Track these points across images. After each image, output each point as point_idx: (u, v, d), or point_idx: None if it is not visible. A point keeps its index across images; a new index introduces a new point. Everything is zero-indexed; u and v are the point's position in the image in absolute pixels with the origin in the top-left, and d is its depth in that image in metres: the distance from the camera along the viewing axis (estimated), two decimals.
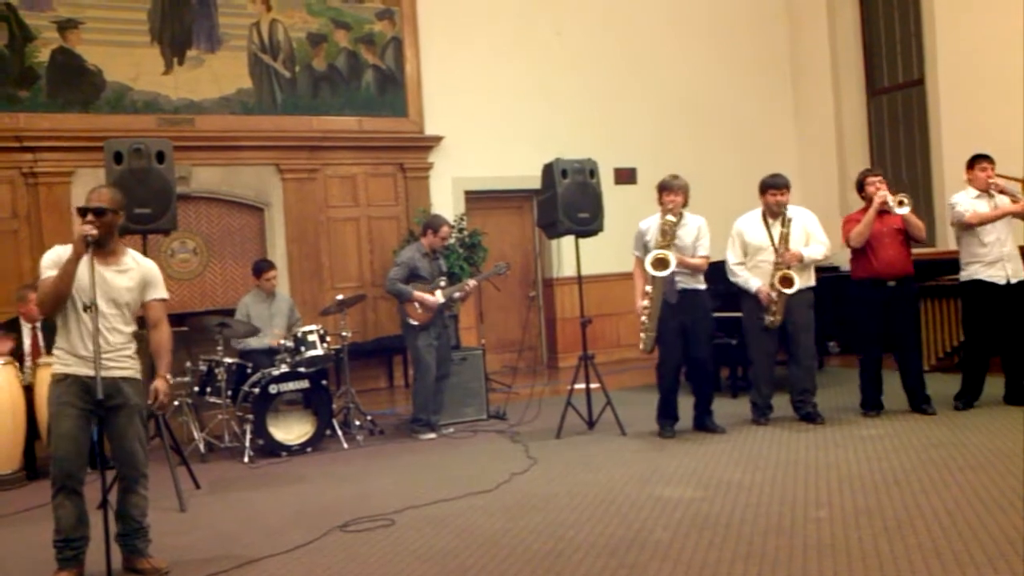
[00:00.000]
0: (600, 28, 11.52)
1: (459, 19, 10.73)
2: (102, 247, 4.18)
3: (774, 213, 6.72)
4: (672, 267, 6.32)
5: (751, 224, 6.84)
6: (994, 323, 6.75)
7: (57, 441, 4.15)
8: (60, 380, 4.17)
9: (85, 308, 4.02)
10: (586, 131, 10.91)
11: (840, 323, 7.42)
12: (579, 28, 11.41)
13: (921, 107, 11.18)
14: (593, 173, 7.32)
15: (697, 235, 6.57)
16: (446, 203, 10.45)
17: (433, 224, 7.49)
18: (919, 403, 6.83)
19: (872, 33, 12.02)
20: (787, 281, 6.55)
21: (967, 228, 6.75)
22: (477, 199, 10.87)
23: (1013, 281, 6.69)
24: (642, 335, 6.54)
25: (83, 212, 4.20)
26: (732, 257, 6.88)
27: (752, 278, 6.74)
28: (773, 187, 6.74)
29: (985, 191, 6.76)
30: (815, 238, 6.76)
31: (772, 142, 12.17)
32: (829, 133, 12.20)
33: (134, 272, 4.34)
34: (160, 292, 4.45)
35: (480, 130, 10.69)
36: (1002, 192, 6.75)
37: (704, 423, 6.77)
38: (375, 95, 10.34)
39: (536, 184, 7.78)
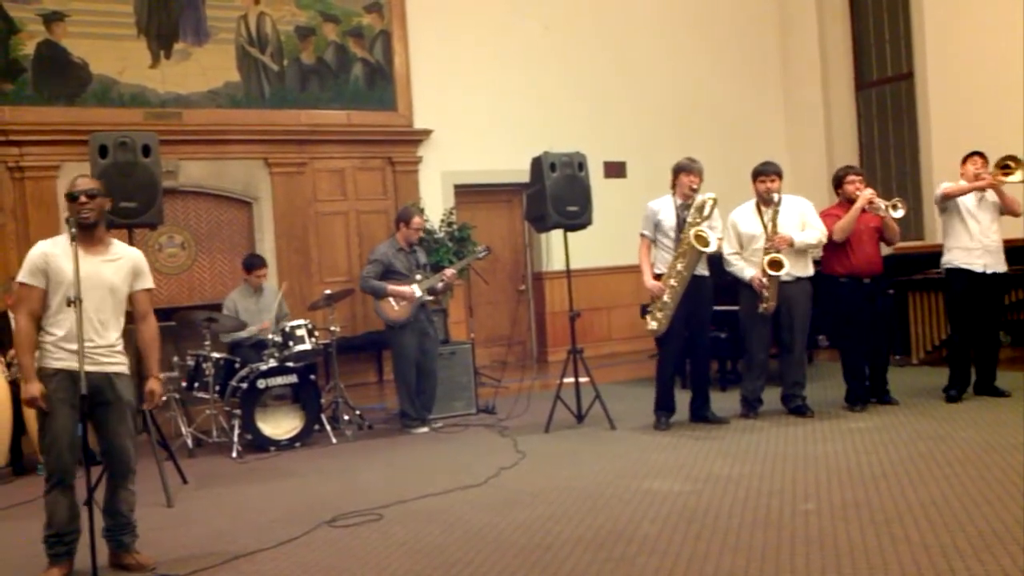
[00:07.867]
0: (589, 22, 11.50)
1: (448, 12, 10.70)
2: (92, 233, 4.13)
3: (765, 201, 6.71)
4: (714, 245, 6.36)
5: (745, 215, 6.85)
6: (973, 311, 6.78)
7: (53, 437, 4.08)
8: (51, 375, 4.07)
9: (69, 303, 3.92)
10: (575, 125, 10.88)
11: (824, 318, 7.42)
12: (568, 21, 11.39)
13: (910, 101, 11.21)
14: (582, 166, 7.29)
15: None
16: (435, 197, 10.43)
17: (404, 216, 7.38)
18: (881, 394, 6.99)
19: (861, 27, 12.03)
20: (775, 264, 6.53)
21: (945, 209, 6.78)
22: (466, 193, 10.85)
23: (988, 272, 6.71)
24: (659, 315, 6.48)
25: (74, 197, 4.12)
26: (728, 248, 6.87)
27: (747, 267, 6.74)
28: (762, 174, 6.75)
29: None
30: (811, 225, 6.75)
31: (761, 135, 12.17)
32: (818, 126, 12.22)
33: (123, 261, 4.28)
34: (148, 282, 4.41)
35: (469, 124, 10.66)
36: (992, 187, 6.74)
37: (705, 415, 6.77)
38: (364, 89, 10.30)
39: (525, 178, 7.72)
